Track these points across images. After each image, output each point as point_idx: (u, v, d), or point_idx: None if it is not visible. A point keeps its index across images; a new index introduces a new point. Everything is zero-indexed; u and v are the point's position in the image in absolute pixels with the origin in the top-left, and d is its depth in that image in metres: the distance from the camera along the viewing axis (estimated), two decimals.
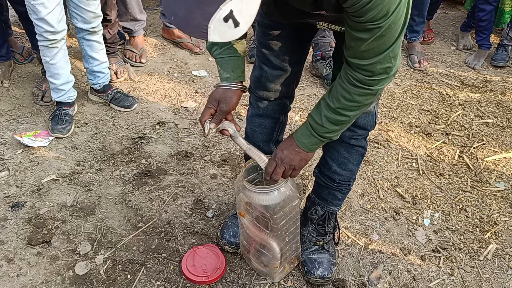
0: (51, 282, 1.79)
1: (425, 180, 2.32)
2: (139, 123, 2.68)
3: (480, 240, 2.01)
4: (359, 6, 1.06)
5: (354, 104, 1.28)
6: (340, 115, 1.31)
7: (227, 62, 1.44)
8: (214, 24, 0.84)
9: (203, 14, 0.83)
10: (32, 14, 2.28)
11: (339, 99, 1.28)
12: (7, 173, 2.28)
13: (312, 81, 3.11)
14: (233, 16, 0.83)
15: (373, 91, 1.24)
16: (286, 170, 1.45)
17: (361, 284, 1.82)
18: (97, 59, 2.68)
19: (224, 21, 0.83)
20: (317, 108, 1.35)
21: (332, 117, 1.32)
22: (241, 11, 0.84)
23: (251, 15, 0.87)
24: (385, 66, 1.18)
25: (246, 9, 0.85)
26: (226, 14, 0.82)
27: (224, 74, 1.44)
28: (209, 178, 2.28)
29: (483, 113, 2.82)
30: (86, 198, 2.15)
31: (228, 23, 0.84)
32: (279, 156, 1.44)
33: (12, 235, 1.97)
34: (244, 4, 0.84)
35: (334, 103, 1.30)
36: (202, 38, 0.88)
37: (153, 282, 1.80)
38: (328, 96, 1.32)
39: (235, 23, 0.84)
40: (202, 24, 0.84)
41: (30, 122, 2.65)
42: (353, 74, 1.23)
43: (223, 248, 1.89)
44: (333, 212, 1.83)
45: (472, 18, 3.44)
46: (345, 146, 1.65)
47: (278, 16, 1.41)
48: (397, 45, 1.16)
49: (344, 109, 1.29)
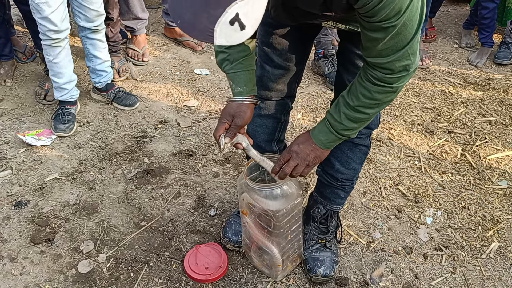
0: (54, 281, 1.79)
1: (428, 178, 2.32)
2: (141, 121, 2.68)
3: (483, 238, 2.01)
4: (371, 6, 1.05)
5: (374, 102, 1.27)
6: (360, 113, 1.30)
7: (239, 77, 1.43)
8: (220, 27, 0.83)
9: (209, 17, 0.83)
10: (36, 13, 2.28)
11: (358, 97, 1.27)
12: (10, 172, 2.29)
13: (314, 80, 3.11)
14: (239, 19, 0.83)
15: (393, 88, 1.23)
16: (299, 166, 1.42)
17: (363, 282, 1.82)
18: (100, 57, 2.69)
19: (230, 24, 0.83)
20: (336, 106, 1.34)
21: (351, 114, 1.31)
22: (247, 14, 0.83)
23: (257, 18, 0.86)
24: (404, 63, 1.17)
25: (252, 12, 0.84)
26: (232, 17, 0.82)
27: (237, 88, 1.44)
28: (211, 177, 2.29)
29: (486, 111, 2.81)
30: (88, 197, 2.16)
31: (234, 26, 0.83)
32: (295, 149, 1.42)
33: (15, 233, 1.97)
34: (250, 7, 0.83)
35: (353, 101, 1.29)
36: (209, 42, 0.87)
37: (155, 280, 1.80)
38: (347, 94, 1.31)
39: (241, 26, 0.84)
40: (208, 27, 0.84)
41: (33, 121, 2.65)
42: (372, 72, 1.22)
43: (226, 246, 1.89)
44: (336, 211, 1.83)
45: (475, 16, 3.43)
46: (349, 145, 1.64)
47: (286, 19, 1.40)
48: (415, 42, 1.14)
49: (363, 107, 1.28)
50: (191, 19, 0.85)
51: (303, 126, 2.66)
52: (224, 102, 2.83)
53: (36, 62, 3.16)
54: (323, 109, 2.81)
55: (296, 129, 2.63)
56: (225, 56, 1.41)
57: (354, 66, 1.49)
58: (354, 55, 1.47)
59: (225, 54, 1.41)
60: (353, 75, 1.49)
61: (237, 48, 1.38)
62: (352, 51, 1.47)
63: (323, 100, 2.90)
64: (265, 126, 1.73)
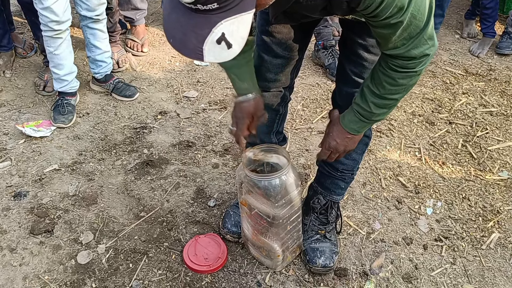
0: (54, 271, 1.79)
1: (428, 169, 2.31)
2: (141, 112, 2.67)
3: (483, 229, 2.00)
4: (372, 7, 1.04)
5: (400, 88, 1.27)
6: (388, 100, 1.31)
7: (244, 72, 1.47)
8: (208, 46, 0.88)
9: (197, 37, 0.87)
10: (38, 4, 2.26)
11: (383, 85, 1.27)
12: (10, 163, 2.29)
13: (314, 70, 3.09)
14: (225, 39, 0.87)
15: (417, 72, 1.23)
16: (340, 155, 1.51)
17: (363, 273, 1.82)
18: (100, 48, 2.67)
19: (217, 43, 0.87)
20: (362, 96, 1.34)
21: (379, 102, 1.31)
22: (232, 34, 0.87)
23: (243, 37, 0.89)
24: (422, 49, 1.16)
25: (237, 32, 0.88)
26: (218, 37, 0.86)
27: (243, 84, 1.48)
28: (210, 168, 2.28)
29: (487, 102, 2.80)
30: (88, 188, 2.16)
31: (221, 45, 0.88)
32: (334, 146, 1.47)
33: (14, 224, 1.97)
34: (235, 27, 0.87)
35: (379, 90, 1.28)
36: (199, 59, 0.91)
37: (155, 271, 1.80)
38: (371, 83, 1.30)
39: (227, 45, 0.88)
40: (197, 46, 0.88)
41: (32, 112, 2.64)
42: (393, 61, 1.21)
43: (225, 237, 1.89)
44: (336, 201, 1.82)
45: (477, 6, 3.40)
46: None
47: (288, 22, 1.41)
48: (429, 28, 1.13)
49: (390, 93, 1.29)
50: (182, 38, 0.90)
51: (303, 117, 2.65)
52: (225, 94, 2.82)
53: (35, 53, 3.15)
54: (323, 100, 2.79)
55: (296, 120, 2.62)
56: None
57: (356, 56, 1.47)
58: (357, 45, 1.45)
59: None
60: (354, 65, 1.48)
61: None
62: (355, 40, 1.45)
63: (323, 91, 2.88)
64: None
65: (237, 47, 0.90)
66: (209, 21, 0.86)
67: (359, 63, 1.46)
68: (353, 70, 1.48)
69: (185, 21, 0.88)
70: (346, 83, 1.53)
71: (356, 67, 1.48)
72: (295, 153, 2.38)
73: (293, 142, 2.46)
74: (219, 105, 2.73)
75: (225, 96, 2.82)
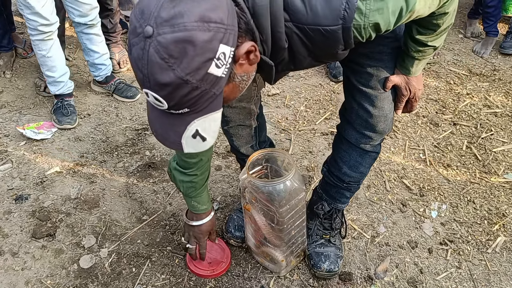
0: (56, 276, 1.78)
1: (433, 171, 2.29)
2: (142, 113, 2.65)
3: (488, 232, 1.99)
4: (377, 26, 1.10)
5: (448, 15, 1.24)
6: (444, 31, 1.29)
7: (204, 197, 1.61)
8: (185, 140, 0.99)
9: (175, 133, 0.99)
10: (25, 9, 2.24)
11: (435, 23, 1.25)
12: (11, 165, 2.27)
13: (317, 71, 3.07)
14: (200, 134, 0.98)
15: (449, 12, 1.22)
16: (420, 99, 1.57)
17: (367, 277, 1.80)
18: (98, 51, 2.65)
19: (193, 137, 0.99)
20: (419, 44, 1.31)
21: (437, 37, 1.30)
22: (205, 129, 0.98)
23: (215, 131, 1.01)
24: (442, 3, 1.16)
25: (209, 127, 0.99)
26: (193, 133, 0.98)
27: (202, 206, 1.63)
28: (213, 170, 2.26)
29: (492, 103, 2.78)
30: (90, 191, 2.14)
31: (196, 139, 0.99)
32: (420, 94, 1.46)
33: (16, 228, 1.96)
34: (207, 124, 0.98)
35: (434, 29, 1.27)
36: (180, 150, 1.02)
37: (158, 275, 1.79)
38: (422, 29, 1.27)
39: (202, 138, 0.99)
40: (177, 140, 1.00)
41: (33, 113, 2.63)
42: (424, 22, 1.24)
43: (228, 241, 1.87)
44: (340, 209, 1.80)
45: (480, 5, 3.37)
46: (359, 151, 1.58)
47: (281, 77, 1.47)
48: None
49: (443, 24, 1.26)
50: (163, 134, 1.01)
51: (306, 118, 2.63)
52: None
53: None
54: (326, 100, 2.77)
55: (299, 121, 2.60)
56: (191, 184, 1.55)
57: (359, 65, 1.41)
58: (358, 54, 1.37)
59: (192, 182, 1.55)
60: (360, 74, 1.42)
61: (202, 170, 1.55)
62: (355, 50, 1.40)
63: (326, 91, 2.86)
64: (238, 135, 1.71)
65: (211, 139, 1.01)
66: (184, 120, 0.96)
67: (363, 72, 1.40)
68: (360, 81, 1.43)
69: (163, 120, 0.99)
70: (356, 96, 1.46)
71: (361, 77, 1.42)
72: (298, 155, 2.36)
73: (296, 144, 2.44)
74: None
75: None
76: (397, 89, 1.44)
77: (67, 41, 3.25)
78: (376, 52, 1.37)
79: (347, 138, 1.56)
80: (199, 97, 0.92)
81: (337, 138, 1.64)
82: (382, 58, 1.38)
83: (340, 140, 1.61)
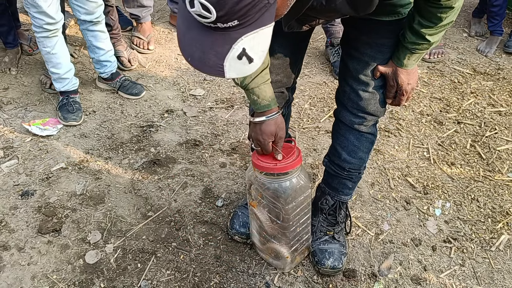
0: (62, 271, 1.79)
1: (437, 169, 2.29)
2: (147, 111, 2.66)
3: (492, 230, 1.99)
4: None
5: (453, 9, 1.26)
6: (444, 26, 1.31)
7: (263, 90, 1.43)
8: (229, 63, 0.87)
9: (217, 54, 0.86)
10: (31, 8, 2.25)
11: (438, 16, 1.27)
12: (17, 161, 2.28)
13: (321, 69, 3.07)
14: (246, 53, 0.86)
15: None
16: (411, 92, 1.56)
17: (371, 275, 1.81)
18: (103, 48, 2.66)
19: (238, 59, 0.86)
20: (416, 34, 1.33)
21: (436, 32, 1.32)
22: (253, 48, 0.86)
23: (264, 50, 0.89)
24: None
25: (258, 45, 0.87)
26: (239, 53, 0.85)
27: (263, 102, 1.44)
28: (218, 167, 2.27)
29: (496, 101, 2.78)
30: (95, 187, 2.15)
31: (242, 60, 0.87)
32: (410, 88, 1.50)
33: (22, 223, 1.97)
34: (256, 41, 0.86)
35: (435, 22, 1.28)
36: (220, 76, 0.90)
37: (163, 271, 1.80)
38: (422, 19, 1.29)
39: (249, 59, 0.87)
40: (217, 63, 0.87)
41: (39, 110, 2.64)
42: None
43: (233, 238, 1.88)
44: (344, 202, 1.81)
45: (484, 4, 3.37)
46: (355, 134, 1.62)
47: (299, 28, 1.39)
48: None
49: (445, 18, 1.28)
50: (201, 57, 0.89)
51: (311, 116, 2.63)
52: (231, 92, 2.81)
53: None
54: (330, 98, 2.78)
55: (303, 119, 2.61)
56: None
57: (359, 53, 1.46)
58: (361, 42, 1.44)
59: None
60: (357, 61, 1.47)
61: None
62: (358, 38, 1.44)
63: (330, 89, 2.86)
64: None
65: (259, 60, 0.89)
66: (229, 37, 0.84)
67: (361, 59, 1.46)
68: (356, 67, 1.48)
69: (203, 39, 0.87)
70: (349, 81, 1.52)
71: (358, 64, 1.47)
72: (303, 152, 2.37)
73: (300, 142, 2.44)
74: (226, 104, 2.72)
75: (232, 95, 2.80)
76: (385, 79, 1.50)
77: (72, 39, 3.26)
78: (379, 43, 1.42)
79: (342, 120, 1.62)
80: (252, 6, 0.81)
81: (335, 124, 1.70)
82: (382, 50, 1.43)
83: (337, 124, 1.67)
